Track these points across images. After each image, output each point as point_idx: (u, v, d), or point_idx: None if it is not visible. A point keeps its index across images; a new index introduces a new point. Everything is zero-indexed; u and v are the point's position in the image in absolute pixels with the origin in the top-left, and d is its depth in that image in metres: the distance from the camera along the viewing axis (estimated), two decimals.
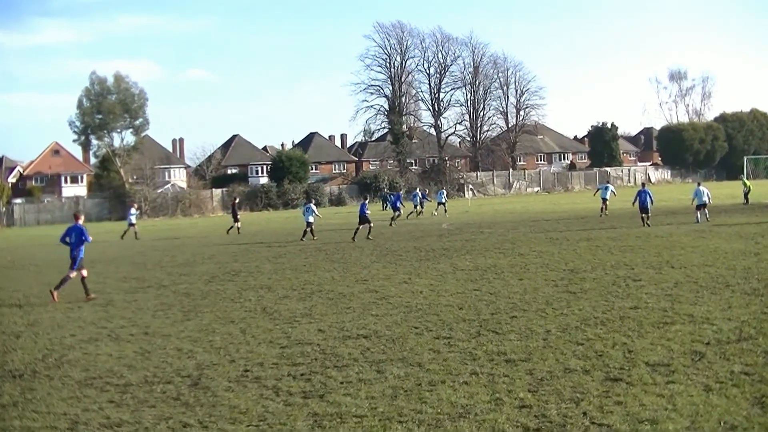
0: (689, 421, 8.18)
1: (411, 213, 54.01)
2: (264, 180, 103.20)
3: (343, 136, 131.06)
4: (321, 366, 11.36)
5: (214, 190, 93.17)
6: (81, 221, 20.28)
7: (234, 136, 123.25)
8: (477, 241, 31.41)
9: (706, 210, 36.48)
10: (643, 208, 35.37)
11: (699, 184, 38.02)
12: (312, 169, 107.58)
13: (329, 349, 12.48)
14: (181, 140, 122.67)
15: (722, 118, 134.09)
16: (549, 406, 8.91)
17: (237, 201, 48.83)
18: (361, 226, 35.75)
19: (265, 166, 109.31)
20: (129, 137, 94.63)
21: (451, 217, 49.79)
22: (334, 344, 12.80)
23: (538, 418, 8.53)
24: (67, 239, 19.95)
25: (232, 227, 44.90)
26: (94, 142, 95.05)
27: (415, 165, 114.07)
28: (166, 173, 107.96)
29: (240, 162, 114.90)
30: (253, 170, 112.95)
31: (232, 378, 10.92)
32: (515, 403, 9.10)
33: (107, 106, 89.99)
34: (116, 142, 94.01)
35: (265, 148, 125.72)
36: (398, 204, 47.82)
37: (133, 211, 48.51)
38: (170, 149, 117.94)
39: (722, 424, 8.06)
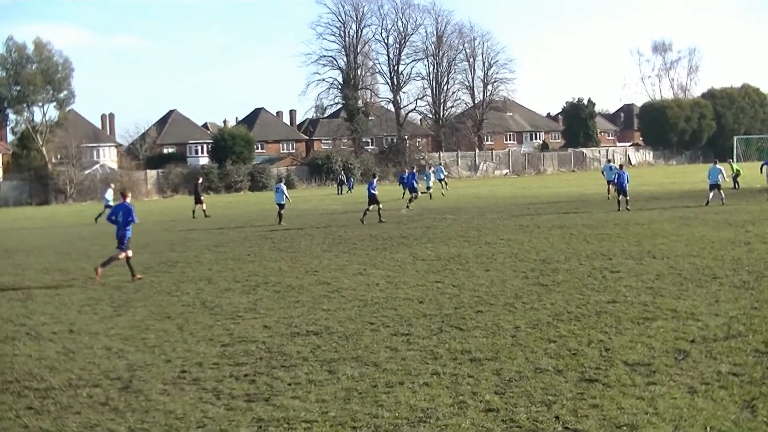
0: (672, 426, 8.25)
1: (424, 193, 53.53)
2: (204, 160, 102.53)
3: (292, 113, 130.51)
4: (266, 366, 11.31)
5: (148, 171, 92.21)
6: (128, 199, 21.23)
7: (170, 112, 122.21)
8: (439, 228, 31.52)
9: (721, 192, 37.07)
10: (622, 190, 35.98)
11: (716, 163, 38.72)
12: (258, 148, 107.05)
13: (276, 347, 12.43)
14: (111, 116, 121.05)
15: (710, 95, 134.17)
16: (518, 409, 8.95)
17: (200, 182, 49.39)
18: (370, 207, 35.91)
19: (205, 145, 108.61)
20: (52, 112, 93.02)
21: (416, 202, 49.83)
22: (282, 342, 12.76)
23: (506, 423, 8.56)
24: (114, 218, 20.92)
25: (195, 211, 45.40)
26: (12, 116, 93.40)
27: (372, 144, 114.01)
28: (95, 152, 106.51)
29: (177, 140, 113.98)
30: (192, 149, 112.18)
31: (168, 380, 10.83)
32: (480, 406, 9.12)
33: (26, 77, 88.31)
34: (37, 117, 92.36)
35: (205, 126, 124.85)
36: (414, 184, 47.04)
37: (110, 191, 48.95)
38: (99, 126, 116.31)
39: (708, 429, 8.13)
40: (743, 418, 8.37)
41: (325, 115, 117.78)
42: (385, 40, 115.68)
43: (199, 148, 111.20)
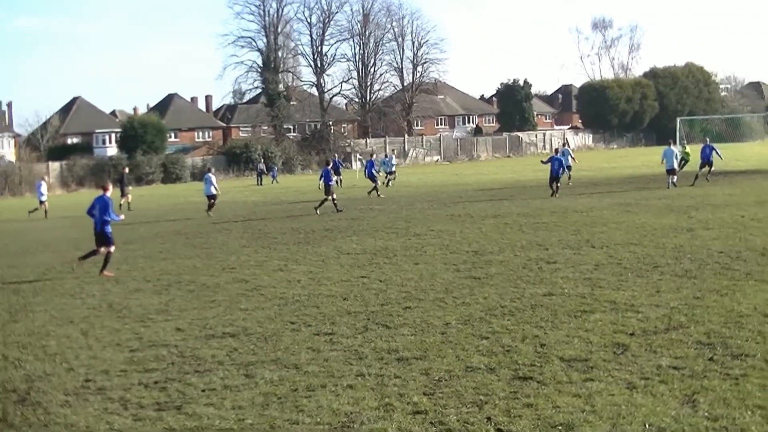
0: (609, 424, 8.35)
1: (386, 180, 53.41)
2: (113, 151, 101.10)
3: (208, 98, 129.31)
4: (179, 372, 11.21)
5: (50, 163, 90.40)
6: (109, 192, 21.23)
7: (75, 99, 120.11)
8: (365, 219, 31.59)
9: (675, 175, 37.96)
10: (555, 177, 36.55)
11: (670, 144, 39.44)
12: (171, 137, 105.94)
13: (189, 351, 12.33)
14: (9, 104, 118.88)
15: (652, 74, 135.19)
16: (447, 411, 8.98)
17: (126, 172, 49.11)
18: (329, 197, 35.85)
19: (113, 135, 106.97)
20: None
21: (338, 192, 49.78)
22: (195, 345, 12.66)
23: (435, 426, 8.58)
24: (92, 211, 20.99)
25: (122, 205, 44.78)
26: None
27: (294, 131, 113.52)
28: None
29: (83, 129, 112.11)
30: (98, 139, 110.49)
31: (70, 390, 10.66)
32: (408, 408, 9.14)
33: None
34: None
35: (113, 113, 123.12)
36: (373, 172, 46.63)
37: (43, 185, 49.05)
38: None
39: (647, 426, 8.24)
40: (684, 414, 8.50)
41: (244, 101, 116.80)
42: (308, 19, 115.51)
43: (107, 137, 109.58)
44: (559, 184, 37.15)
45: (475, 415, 8.81)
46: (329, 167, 37.86)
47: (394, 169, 55.01)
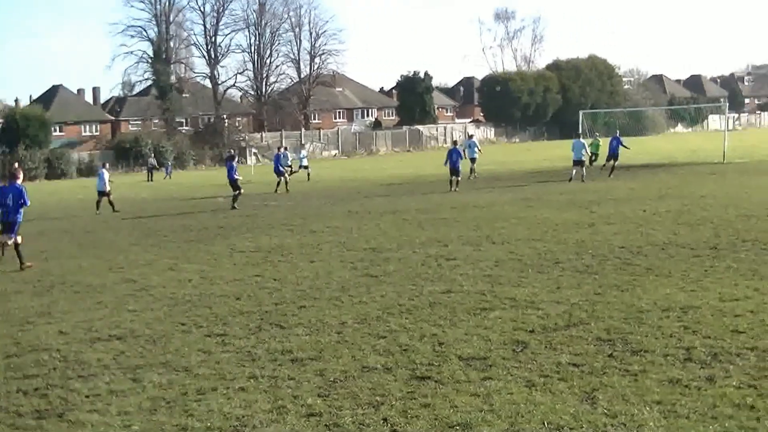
0: (508, 423, 8.43)
1: (294, 172, 53.03)
2: None
3: (95, 90, 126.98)
4: (61, 377, 10.96)
5: None
6: (20, 180, 20.88)
7: None
8: (260, 216, 31.46)
9: (584, 168, 38.52)
10: (454, 170, 36.93)
11: (579, 137, 40.11)
12: (55, 131, 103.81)
13: (72, 355, 12.08)
14: None
15: (555, 66, 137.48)
16: (343, 412, 8.98)
17: (16, 166, 47.90)
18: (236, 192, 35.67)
19: None
20: None
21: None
22: (80, 349, 12.41)
23: (329, 428, 8.58)
24: (2, 200, 20.59)
25: None
26: None
27: (187, 125, 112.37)
28: None
29: None
30: None
31: None
32: (302, 410, 9.11)
33: None
34: None
35: None
36: (280, 167, 46.24)
37: None
38: None
39: (545, 424, 8.34)
40: (583, 411, 8.63)
41: (134, 93, 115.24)
42: (201, 8, 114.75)
43: None
44: (459, 179, 37.46)
45: (371, 416, 8.82)
46: (234, 162, 37.55)
47: (306, 162, 54.99)
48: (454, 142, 41.82)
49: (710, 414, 8.37)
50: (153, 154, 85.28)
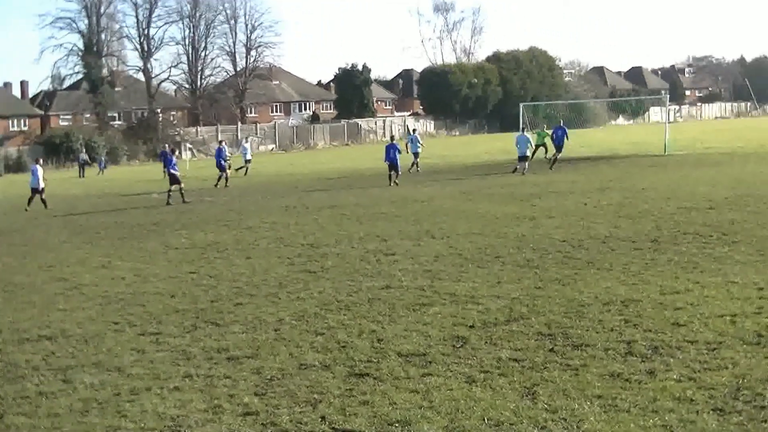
0: (448, 419, 8.46)
1: (241, 168, 52.90)
2: None
3: (23, 84, 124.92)
4: None
5: None
6: None
7: None
8: (195, 212, 31.23)
9: (527, 163, 38.94)
10: (393, 165, 37.01)
11: (523, 131, 40.50)
12: None
13: (0, 356, 11.94)
14: None
15: (496, 58, 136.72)
16: (280, 411, 8.97)
17: None
18: (173, 187, 35.47)
19: None
20: None
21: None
22: (7, 350, 12.26)
23: (267, 427, 8.56)
24: None
25: None
26: None
27: (119, 119, 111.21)
28: None
29: None
30: None
31: None
32: (238, 410, 9.08)
33: None
34: None
35: None
36: (222, 161, 45.45)
37: None
38: None
39: (486, 420, 8.38)
40: (523, 406, 8.70)
41: (64, 87, 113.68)
42: (133, 0, 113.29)
43: None
44: (399, 173, 37.53)
45: (308, 414, 8.81)
46: (173, 155, 37.28)
47: (249, 157, 54.73)
48: (392, 137, 41.85)
49: (651, 408, 8.47)
50: (84, 150, 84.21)
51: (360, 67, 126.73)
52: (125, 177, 63.38)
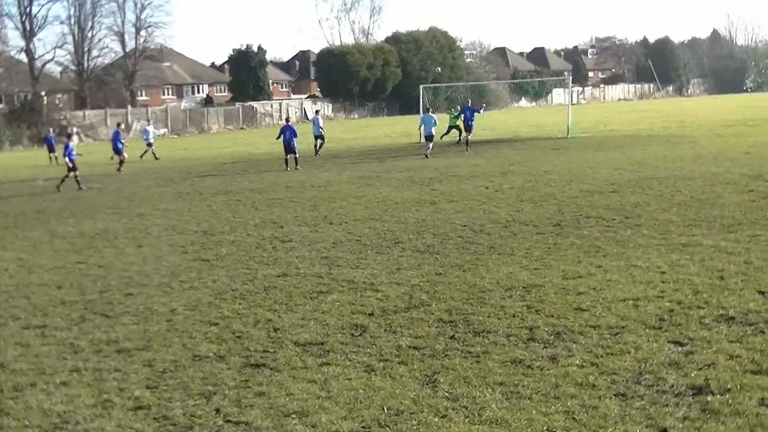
0: (346, 409, 8.49)
1: (145, 153, 52.75)
2: None
3: None
4: None
5: None
6: None
7: None
8: (84, 199, 30.76)
9: (430, 144, 39.38)
10: (290, 149, 36.95)
11: (428, 111, 40.93)
12: None
13: None
14: None
15: (395, 39, 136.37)
16: (172, 404, 8.91)
17: None
18: (69, 174, 34.83)
19: None
20: None
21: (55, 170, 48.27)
22: None
23: (159, 421, 8.49)
24: None
25: None
26: None
27: (1, 102, 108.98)
28: None
29: None
30: None
31: None
32: (129, 404, 8.99)
33: None
34: None
35: None
36: (118, 144, 44.80)
37: None
38: None
39: (385, 410, 8.42)
40: (424, 395, 8.76)
41: None
42: None
43: None
44: (297, 156, 37.39)
45: (202, 407, 8.77)
46: (71, 142, 36.68)
47: (151, 140, 54.12)
48: (287, 119, 41.65)
49: (553, 394, 8.59)
50: None
51: (255, 49, 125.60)
52: (9, 163, 62.02)
